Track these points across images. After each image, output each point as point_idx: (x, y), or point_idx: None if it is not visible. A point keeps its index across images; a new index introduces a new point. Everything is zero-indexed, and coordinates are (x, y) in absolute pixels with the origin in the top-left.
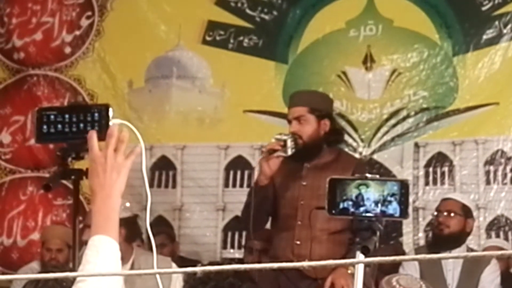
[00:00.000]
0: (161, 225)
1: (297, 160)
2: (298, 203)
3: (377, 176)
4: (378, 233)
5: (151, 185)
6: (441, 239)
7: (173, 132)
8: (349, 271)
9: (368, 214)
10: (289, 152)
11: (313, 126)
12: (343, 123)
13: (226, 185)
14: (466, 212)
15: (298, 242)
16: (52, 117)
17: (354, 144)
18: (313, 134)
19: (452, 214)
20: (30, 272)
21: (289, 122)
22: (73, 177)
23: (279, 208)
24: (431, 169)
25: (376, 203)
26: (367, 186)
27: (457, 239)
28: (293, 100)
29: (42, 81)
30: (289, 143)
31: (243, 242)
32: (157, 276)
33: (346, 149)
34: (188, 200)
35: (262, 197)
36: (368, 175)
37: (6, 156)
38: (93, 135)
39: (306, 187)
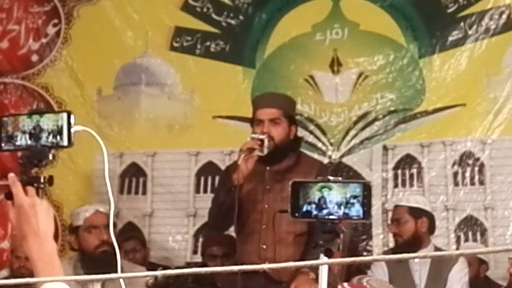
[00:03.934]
0: (131, 231)
1: (262, 162)
2: (262, 207)
3: (340, 179)
4: (341, 235)
5: (121, 192)
6: (400, 248)
7: (143, 139)
8: (310, 276)
9: (331, 217)
10: (265, 151)
11: (285, 130)
12: (311, 127)
13: (197, 191)
14: (415, 214)
15: (264, 246)
16: None
17: (323, 148)
18: (284, 138)
19: (401, 221)
20: None
21: (259, 122)
22: (35, 184)
23: (243, 212)
24: (400, 171)
25: (339, 205)
26: (329, 188)
27: (414, 243)
28: (265, 101)
29: (9, 89)
30: (266, 142)
31: None
32: (122, 282)
33: (316, 153)
34: (158, 206)
35: (237, 196)
36: (331, 178)
37: None
38: (15, 180)
39: (270, 191)
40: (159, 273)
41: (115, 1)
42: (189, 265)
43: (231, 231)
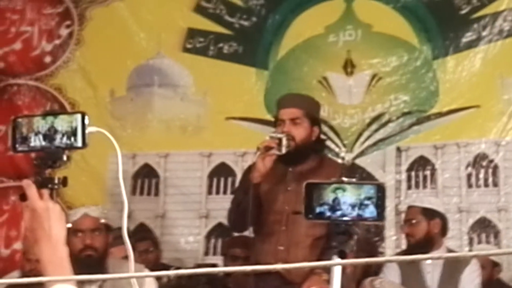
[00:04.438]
0: (143, 232)
1: (284, 163)
2: (283, 208)
3: (354, 180)
4: (355, 237)
5: (133, 193)
6: (412, 249)
7: (155, 140)
8: (323, 277)
9: (344, 218)
10: (283, 150)
11: (307, 131)
12: (325, 128)
13: (209, 192)
14: (428, 215)
15: (281, 248)
16: None
17: (337, 149)
18: (305, 138)
19: (413, 221)
20: None
21: (281, 122)
22: (49, 185)
23: (263, 212)
24: (413, 173)
25: (353, 206)
26: (343, 190)
27: (426, 244)
28: (287, 101)
29: (22, 91)
30: (284, 141)
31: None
32: (133, 281)
33: (329, 155)
34: (171, 207)
35: (254, 195)
36: (345, 179)
37: None
38: (29, 183)
39: (291, 192)
40: (171, 273)
41: (128, 3)
42: (200, 266)
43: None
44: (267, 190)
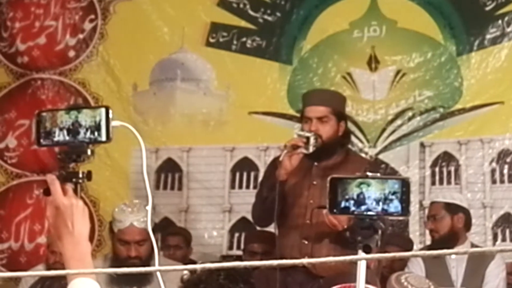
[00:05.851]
0: (173, 226)
1: (309, 158)
2: (307, 202)
3: (378, 175)
4: (380, 232)
5: (157, 187)
6: (436, 244)
7: (178, 135)
8: None
9: (369, 213)
10: (311, 149)
11: (334, 128)
12: (348, 124)
13: (232, 186)
14: (451, 210)
15: (305, 242)
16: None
17: (360, 144)
18: (332, 135)
19: (437, 217)
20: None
21: (307, 119)
22: (74, 179)
23: (288, 206)
24: (437, 169)
25: (377, 201)
26: (368, 184)
27: (451, 239)
28: (313, 98)
29: (46, 85)
30: (312, 140)
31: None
32: (159, 274)
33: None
34: (194, 202)
35: (280, 192)
36: (369, 174)
37: (12, 160)
38: (53, 179)
39: (316, 186)
40: (198, 266)
41: None
42: (224, 258)
43: (272, 227)
44: (292, 184)
